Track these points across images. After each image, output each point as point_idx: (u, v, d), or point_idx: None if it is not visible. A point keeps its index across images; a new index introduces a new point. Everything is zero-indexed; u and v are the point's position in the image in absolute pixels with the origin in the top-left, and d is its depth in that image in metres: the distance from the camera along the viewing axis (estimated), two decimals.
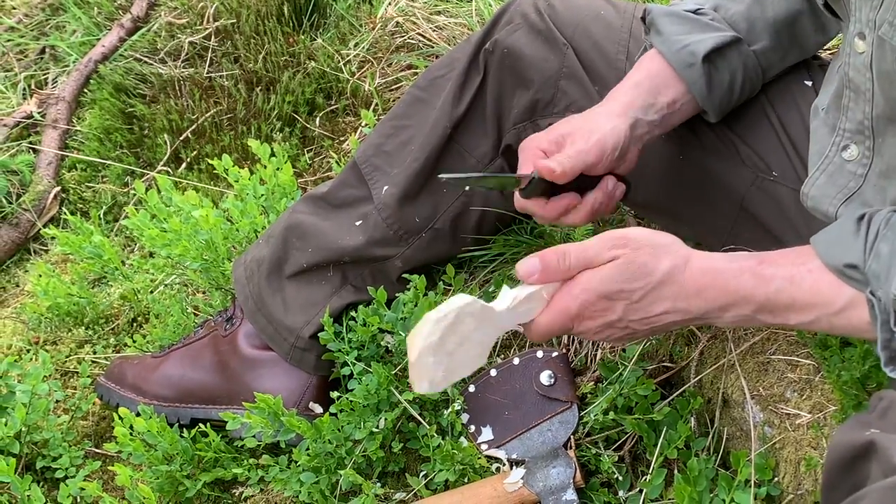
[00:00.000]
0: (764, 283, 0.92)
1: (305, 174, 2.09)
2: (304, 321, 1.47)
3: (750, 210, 1.26)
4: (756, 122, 1.25)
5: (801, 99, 1.23)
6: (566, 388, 1.38)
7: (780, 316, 0.93)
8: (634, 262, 0.96)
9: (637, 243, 0.97)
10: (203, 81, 2.28)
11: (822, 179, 1.09)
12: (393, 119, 1.47)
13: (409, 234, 1.45)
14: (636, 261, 0.96)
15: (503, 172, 1.39)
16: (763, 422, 1.24)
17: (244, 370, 1.51)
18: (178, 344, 1.60)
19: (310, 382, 1.49)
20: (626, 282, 0.96)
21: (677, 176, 1.32)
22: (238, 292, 1.53)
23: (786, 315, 0.93)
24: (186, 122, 2.22)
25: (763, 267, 0.93)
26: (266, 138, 2.13)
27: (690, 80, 1.17)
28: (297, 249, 1.48)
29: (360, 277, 1.49)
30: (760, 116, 1.24)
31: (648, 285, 0.95)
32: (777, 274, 0.92)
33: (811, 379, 1.23)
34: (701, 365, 1.37)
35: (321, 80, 2.22)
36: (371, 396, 1.37)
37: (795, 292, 0.91)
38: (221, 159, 1.74)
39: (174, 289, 1.86)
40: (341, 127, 2.17)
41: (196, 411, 1.53)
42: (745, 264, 0.94)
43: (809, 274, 0.91)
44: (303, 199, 1.53)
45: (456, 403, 1.39)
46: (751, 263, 0.94)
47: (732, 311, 0.95)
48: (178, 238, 1.62)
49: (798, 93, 1.24)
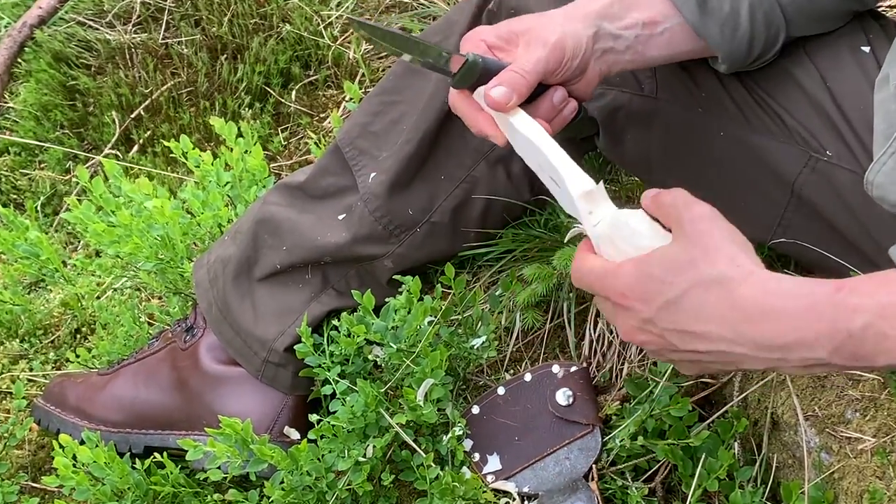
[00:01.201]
0: (846, 315, 0.85)
1: (279, 158, 2.09)
2: (277, 331, 1.48)
3: (804, 196, 1.26)
4: (804, 94, 1.25)
5: (858, 68, 1.23)
6: (587, 408, 1.38)
7: (864, 358, 0.87)
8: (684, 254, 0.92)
9: (693, 233, 0.93)
10: (158, 49, 2.28)
11: (890, 164, 1.09)
12: (381, 94, 1.48)
13: (400, 228, 1.45)
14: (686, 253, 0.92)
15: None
16: (819, 447, 1.25)
17: (207, 389, 1.51)
18: (130, 359, 1.60)
19: (284, 404, 1.49)
20: (666, 271, 0.92)
21: (716, 154, 1.32)
22: (199, 298, 1.54)
23: (873, 356, 0.86)
24: (139, 96, 2.22)
25: (844, 296, 0.86)
26: (233, 115, 2.14)
27: (681, 2, 1.16)
28: (270, 247, 1.48)
29: (344, 280, 1.49)
30: (810, 88, 1.24)
31: (689, 282, 0.91)
32: (862, 305, 0.85)
33: (876, 397, 1.23)
34: (746, 381, 1.38)
35: (297, 47, 2.23)
36: (357, 420, 1.37)
37: (887, 328, 0.84)
38: (179, 140, 1.74)
39: (125, 294, 1.86)
40: (321, 102, 2.18)
41: (151, 438, 1.53)
42: (821, 290, 0.88)
43: None
44: (276, 189, 1.54)
45: (457, 427, 1.40)
46: (826, 289, 0.88)
47: (801, 352, 0.88)
48: (129, 234, 1.62)
49: (853, 61, 1.24)
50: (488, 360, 1.53)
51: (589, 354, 1.49)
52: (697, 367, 0.98)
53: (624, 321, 0.97)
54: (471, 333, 1.50)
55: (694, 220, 0.94)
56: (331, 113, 2.06)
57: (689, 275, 0.92)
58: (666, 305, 0.93)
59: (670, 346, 0.95)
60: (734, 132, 1.30)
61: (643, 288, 0.94)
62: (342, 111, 2.10)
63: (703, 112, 1.31)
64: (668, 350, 0.96)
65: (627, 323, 0.97)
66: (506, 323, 1.56)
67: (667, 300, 0.93)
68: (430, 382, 1.36)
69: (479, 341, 1.49)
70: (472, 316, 1.50)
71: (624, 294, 0.95)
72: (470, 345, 1.48)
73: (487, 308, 1.54)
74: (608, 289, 0.97)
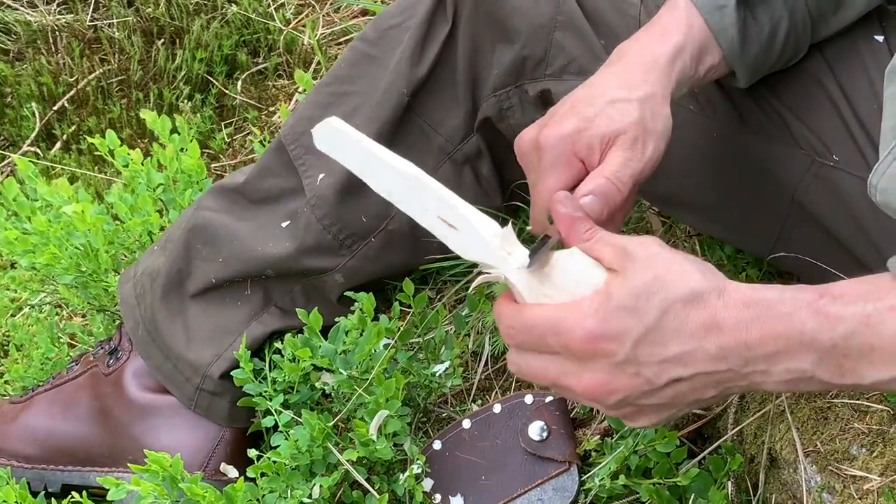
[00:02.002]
0: (829, 324, 0.89)
1: (222, 156, 2.09)
2: (212, 355, 1.47)
3: (804, 205, 1.27)
4: (811, 90, 1.25)
5: (871, 61, 1.24)
6: (563, 444, 1.38)
7: (851, 371, 0.90)
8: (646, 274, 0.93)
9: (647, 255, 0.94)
10: (86, 32, 2.28)
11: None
12: (332, 83, 1.47)
13: (352, 238, 1.45)
14: (647, 273, 0.93)
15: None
16: (821, 486, 1.25)
17: (132, 420, 1.51)
18: (47, 384, 1.59)
19: (220, 437, 1.49)
20: (636, 297, 0.92)
21: (710, 160, 1.33)
22: (125, 316, 1.53)
23: (859, 369, 0.89)
24: (63, 86, 2.21)
25: (826, 302, 0.90)
26: (170, 109, 2.14)
27: (718, 29, 1.17)
28: (204, 259, 1.48)
29: (288, 297, 1.49)
30: (817, 84, 1.25)
31: (666, 301, 0.92)
32: (846, 313, 0.89)
33: (884, 430, 1.24)
34: (741, 412, 1.38)
35: (245, 31, 2.23)
36: (302, 456, 1.37)
37: (873, 338, 0.88)
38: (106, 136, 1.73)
39: (43, 311, 1.85)
40: (271, 93, 2.18)
41: (69, 475, 1.52)
42: (802, 297, 0.91)
43: (891, 314, 0.88)
44: (211, 192, 1.53)
45: (416, 465, 1.39)
46: (809, 297, 0.91)
47: (785, 363, 0.91)
48: (46, 242, 1.61)
49: (867, 53, 1.25)
50: (452, 390, 1.53)
51: None
52: (666, 411, 0.97)
53: (592, 374, 0.94)
54: (433, 358, 1.49)
55: (645, 245, 0.95)
56: (281, 106, 2.05)
57: (660, 296, 0.92)
58: (644, 335, 0.92)
59: (645, 387, 0.94)
60: (728, 133, 1.30)
61: (615, 324, 0.92)
62: (293, 104, 2.10)
63: (695, 111, 1.31)
64: (640, 395, 0.95)
65: (594, 374, 0.94)
66: (473, 347, 1.56)
67: (646, 328, 0.92)
68: (385, 414, 1.35)
69: (442, 367, 1.48)
70: (435, 339, 1.50)
71: (591, 337, 0.92)
72: (431, 371, 1.48)
73: (452, 330, 1.54)
74: (567, 337, 0.93)
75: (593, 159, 1.09)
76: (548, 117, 1.12)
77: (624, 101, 1.10)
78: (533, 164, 1.11)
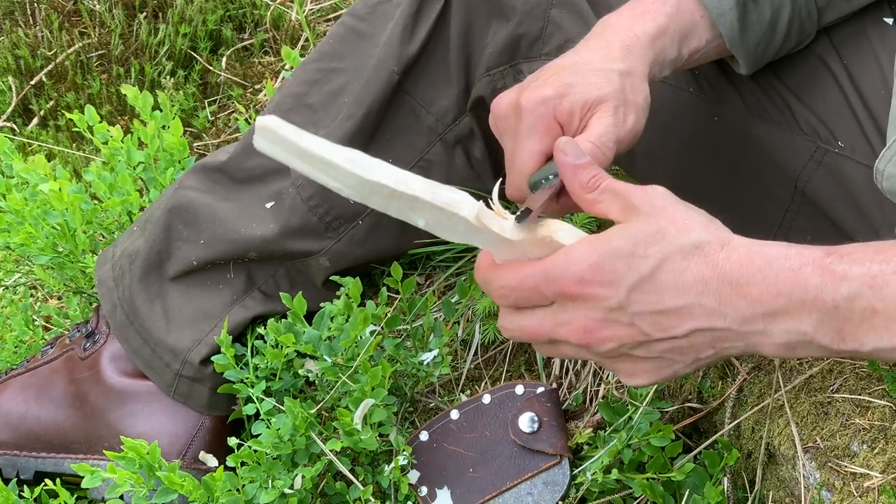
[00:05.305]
0: (833, 282, 0.90)
1: (205, 135, 2.08)
2: (193, 340, 1.47)
3: (808, 193, 1.27)
4: (817, 73, 1.25)
5: (880, 44, 1.24)
6: (554, 436, 1.38)
7: (851, 335, 0.91)
8: (649, 226, 0.93)
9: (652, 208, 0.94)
10: (65, 4, 2.27)
11: None
12: (320, 59, 1.47)
13: (339, 220, 1.45)
14: (650, 225, 0.93)
15: None
16: (820, 483, 1.25)
17: (109, 406, 1.50)
18: (20, 368, 1.59)
19: (200, 425, 1.49)
20: (634, 244, 0.92)
21: (712, 144, 1.33)
22: (102, 298, 1.53)
23: (860, 334, 0.90)
24: (40, 60, 2.21)
25: (833, 260, 0.90)
26: (151, 85, 2.13)
27: (717, 13, 1.18)
28: (185, 240, 1.47)
29: (272, 280, 1.49)
30: (823, 67, 1.25)
31: (664, 252, 0.92)
32: (851, 273, 0.89)
33: (886, 426, 1.24)
34: (739, 406, 1.38)
35: (230, 5, 2.22)
36: (284, 445, 1.37)
37: (876, 300, 0.89)
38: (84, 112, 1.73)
39: (17, 293, 1.85)
40: (257, 70, 2.17)
41: (42, 462, 1.52)
42: (808, 254, 0.92)
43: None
44: (193, 171, 1.53)
45: (401, 456, 1.39)
46: (815, 254, 0.91)
47: (785, 323, 0.92)
48: (21, 221, 1.61)
49: (875, 36, 1.25)
50: (441, 379, 1.53)
51: (560, 373, 1.49)
52: (665, 369, 0.98)
53: (582, 317, 0.94)
54: (421, 346, 1.49)
55: (649, 196, 0.95)
56: (267, 84, 2.04)
57: (661, 245, 0.92)
58: (639, 283, 0.92)
59: (639, 337, 0.95)
60: (730, 117, 1.30)
61: (609, 267, 0.92)
62: (280, 82, 2.09)
63: (695, 93, 1.30)
64: (636, 345, 0.95)
65: (587, 319, 0.94)
66: (463, 335, 1.56)
67: (640, 276, 0.92)
68: (371, 403, 1.35)
69: (431, 356, 1.48)
70: (423, 326, 1.50)
71: (582, 280, 0.93)
72: (419, 360, 1.48)
73: (441, 317, 1.54)
74: (558, 280, 0.93)
75: (573, 125, 1.09)
76: (528, 82, 1.13)
77: (605, 70, 1.11)
78: (510, 127, 1.11)
